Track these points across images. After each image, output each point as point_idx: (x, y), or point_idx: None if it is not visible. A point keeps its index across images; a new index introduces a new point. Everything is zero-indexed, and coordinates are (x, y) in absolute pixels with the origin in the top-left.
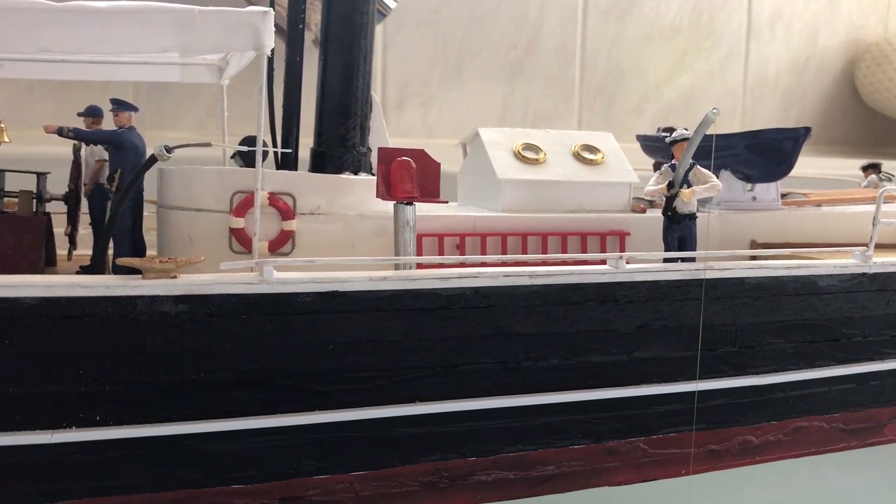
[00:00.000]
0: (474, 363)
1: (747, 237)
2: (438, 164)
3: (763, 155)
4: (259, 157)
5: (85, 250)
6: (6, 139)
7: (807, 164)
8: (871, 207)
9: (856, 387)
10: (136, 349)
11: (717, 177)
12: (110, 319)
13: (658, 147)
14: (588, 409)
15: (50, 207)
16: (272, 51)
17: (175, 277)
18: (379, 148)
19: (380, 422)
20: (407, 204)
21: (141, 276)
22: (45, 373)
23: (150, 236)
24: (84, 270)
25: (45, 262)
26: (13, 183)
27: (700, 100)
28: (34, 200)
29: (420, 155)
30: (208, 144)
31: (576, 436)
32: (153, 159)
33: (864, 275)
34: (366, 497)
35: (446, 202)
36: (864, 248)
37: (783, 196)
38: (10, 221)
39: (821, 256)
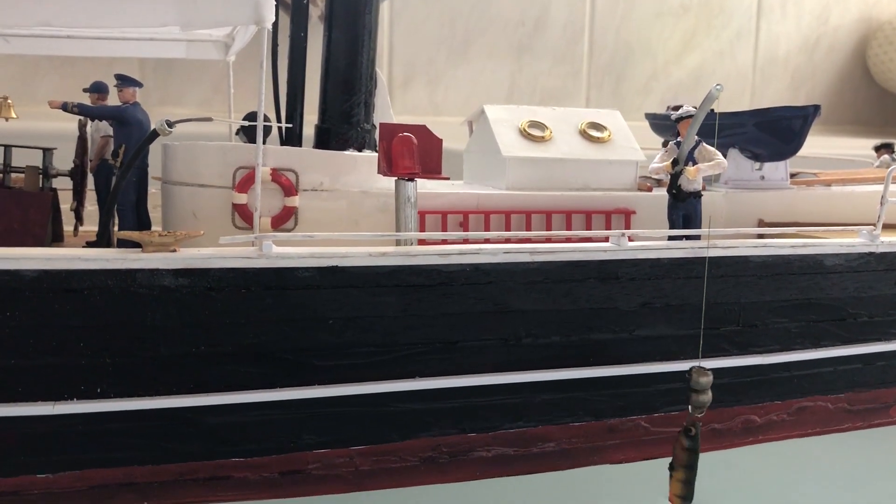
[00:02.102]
0: (474, 339)
1: (755, 216)
2: (440, 140)
3: (772, 133)
4: (260, 133)
5: (91, 226)
6: (13, 115)
7: (817, 144)
8: (881, 187)
9: (862, 367)
10: (136, 322)
11: (725, 155)
12: (110, 292)
13: (667, 125)
14: (589, 386)
15: (56, 183)
16: (277, 27)
17: (174, 251)
18: (380, 124)
19: (380, 397)
20: (408, 180)
21: (141, 249)
22: (47, 345)
23: (156, 213)
24: (90, 246)
25: (52, 238)
26: (19, 158)
27: (709, 79)
28: (40, 176)
29: (422, 131)
30: (209, 119)
31: (576, 413)
32: (155, 134)
33: (871, 254)
34: (365, 471)
35: (447, 178)
36: (872, 227)
37: (792, 176)
38: (17, 197)
39: (828, 236)
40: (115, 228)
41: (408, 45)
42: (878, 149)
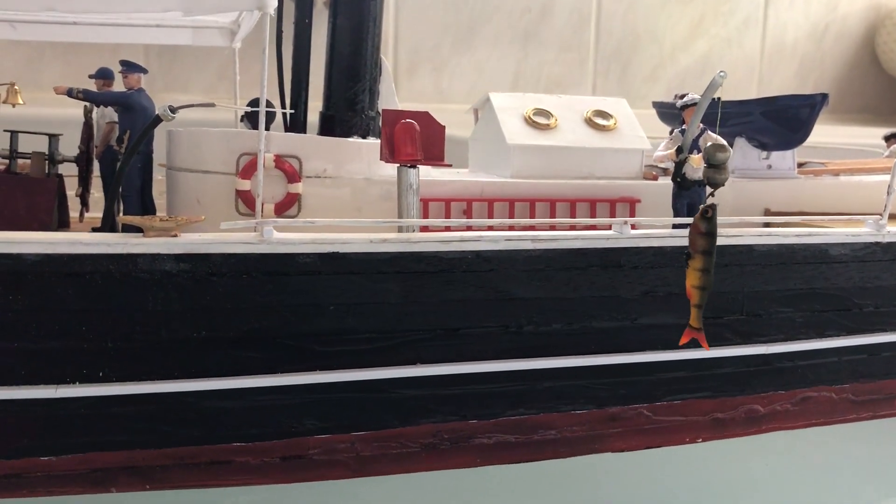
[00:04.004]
0: (475, 327)
1: (761, 205)
2: (443, 127)
3: (779, 122)
4: (262, 119)
5: (97, 212)
6: (20, 101)
7: (825, 133)
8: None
9: (867, 358)
10: (137, 307)
11: (732, 144)
12: (112, 277)
13: (675, 114)
14: (591, 374)
15: (62, 169)
16: (282, 13)
17: (175, 236)
18: (383, 110)
19: (381, 383)
20: (410, 167)
21: (142, 234)
22: (49, 329)
23: (162, 199)
24: (96, 232)
25: (58, 224)
26: (25, 144)
27: (716, 66)
28: (46, 162)
29: (424, 117)
30: (212, 105)
31: (578, 401)
32: (158, 120)
33: (877, 244)
34: (366, 457)
35: (450, 165)
36: (878, 217)
37: (800, 165)
38: (23, 183)
39: (833, 225)
40: (120, 214)
41: (413, 32)
42: (888, 138)
